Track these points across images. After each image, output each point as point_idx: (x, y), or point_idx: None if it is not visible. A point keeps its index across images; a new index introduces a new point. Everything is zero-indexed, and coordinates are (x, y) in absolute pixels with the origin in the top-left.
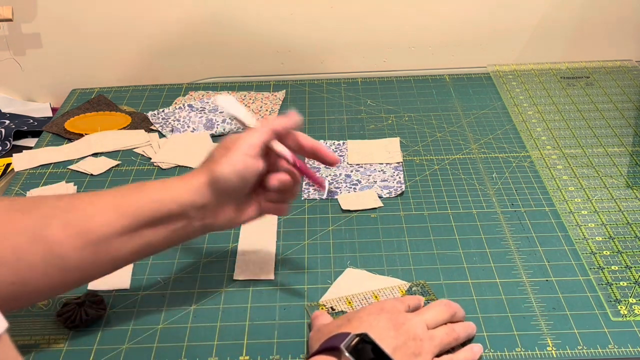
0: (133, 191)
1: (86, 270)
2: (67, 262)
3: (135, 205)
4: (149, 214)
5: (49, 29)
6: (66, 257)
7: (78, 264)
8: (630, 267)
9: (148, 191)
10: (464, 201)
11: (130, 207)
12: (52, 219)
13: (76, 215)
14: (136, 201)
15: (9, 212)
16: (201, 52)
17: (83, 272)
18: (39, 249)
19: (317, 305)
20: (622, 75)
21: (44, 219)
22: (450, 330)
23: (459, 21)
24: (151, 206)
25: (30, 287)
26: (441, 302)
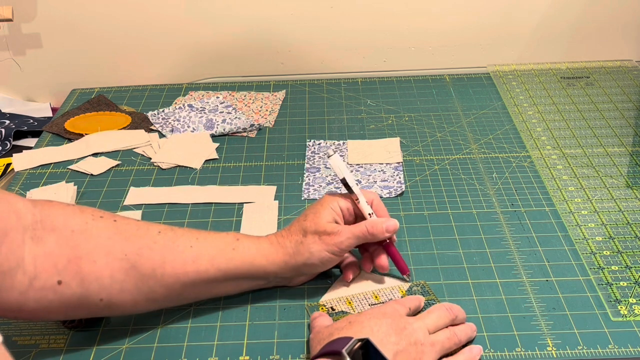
0: (228, 245)
1: (168, 302)
2: (155, 294)
3: (230, 263)
4: (238, 273)
5: (49, 29)
6: (156, 290)
7: (164, 297)
8: (630, 267)
9: (243, 251)
10: (464, 201)
11: (225, 263)
12: (152, 253)
13: (174, 256)
14: (231, 259)
15: (113, 235)
16: (201, 52)
17: (165, 303)
18: (133, 277)
19: (317, 306)
20: (622, 75)
21: (144, 250)
22: (451, 335)
23: (459, 21)
24: (242, 267)
25: (114, 307)
26: (442, 306)
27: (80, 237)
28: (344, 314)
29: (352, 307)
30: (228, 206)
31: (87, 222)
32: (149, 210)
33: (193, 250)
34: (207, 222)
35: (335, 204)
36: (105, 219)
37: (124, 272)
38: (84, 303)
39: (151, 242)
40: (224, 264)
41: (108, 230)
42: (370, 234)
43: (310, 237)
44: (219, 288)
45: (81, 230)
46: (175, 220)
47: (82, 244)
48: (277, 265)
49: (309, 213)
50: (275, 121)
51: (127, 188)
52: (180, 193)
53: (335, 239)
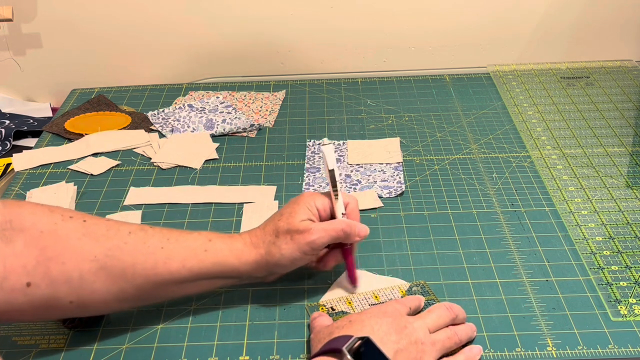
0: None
1: (139, 302)
2: (126, 294)
3: (201, 264)
4: (210, 273)
5: (49, 29)
6: (126, 291)
7: (135, 297)
8: (630, 267)
9: (215, 251)
10: (464, 201)
11: (196, 264)
12: (122, 254)
13: (145, 257)
14: (203, 260)
15: (82, 236)
16: (201, 52)
17: (136, 303)
18: (103, 278)
19: (317, 306)
20: (622, 75)
21: (114, 251)
22: (452, 334)
23: (459, 21)
24: (214, 268)
25: (84, 308)
26: (443, 305)
27: (49, 238)
28: (344, 314)
29: (352, 307)
30: (228, 206)
31: (57, 222)
32: (149, 210)
33: (164, 251)
34: (207, 222)
35: (312, 203)
36: (74, 220)
37: (93, 273)
38: (53, 304)
39: (121, 242)
40: (196, 264)
41: (77, 231)
42: (344, 233)
43: (282, 237)
44: (191, 287)
45: (50, 230)
46: (175, 220)
47: (51, 245)
48: (249, 265)
49: (285, 212)
50: (275, 121)
51: (127, 188)
52: (180, 193)
53: (307, 237)
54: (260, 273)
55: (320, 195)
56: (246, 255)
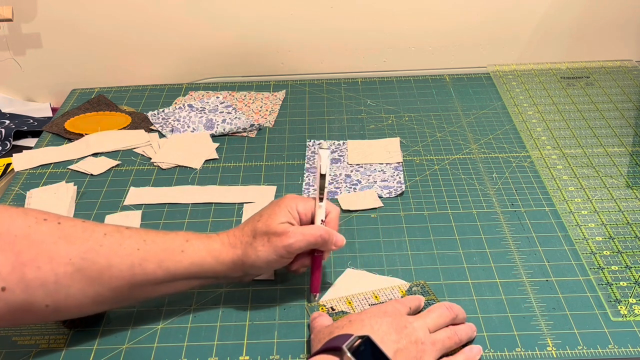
0: (177, 247)
1: (116, 303)
2: (102, 297)
3: (178, 265)
4: (187, 273)
5: (49, 29)
6: (103, 293)
7: (112, 299)
8: (630, 267)
9: (192, 252)
10: (464, 201)
11: (173, 265)
12: (97, 256)
13: (120, 259)
14: (179, 261)
15: (57, 239)
16: (201, 52)
17: (114, 305)
18: (79, 281)
19: (317, 305)
20: (622, 75)
21: (89, 254)
22: (452, 334)
23: (459, 21)
24: (190, 268)
25: (61, 312)
26: (443, 305)
27: (23, 242)
28: (344, 314)
29: (352, 307)
30: (228, 206)
31: (30, 225)
32: (149, 210)
33: (140, 252)
34: (207, 222)
35: (294, 206)
36: (49, 222)
37: (69, 276)
38: (29, 309)
39: (97, 245)
40: (172, 266)
41: (52, 234)
42: (322, 240)
43: (259, 239)
44: (167, 288)
45: (24, 234)
46: (175, 220)
47: (25, 249)
48: (225, 266)
49: (264, 213)
50: (275, 121)
51: (127, 188)
52: (180, 193)
53: (284, 240)
54: (236, 273)
55: (303, 199)
56: (223, 255)
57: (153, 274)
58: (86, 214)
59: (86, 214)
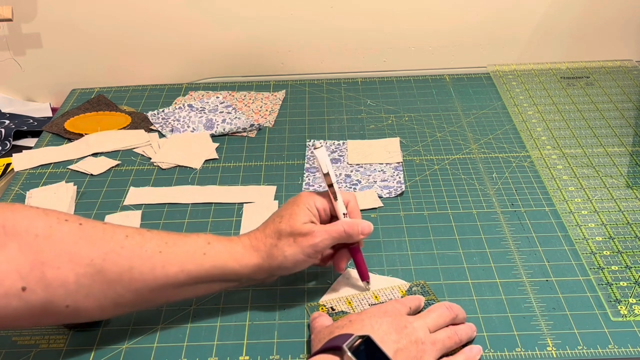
0: (199, 250)
1: (137, 307)
2: (123, 299)
3: (200, 267)
4: (209, 277)
5: (49, 29)
6: (123, 295)
7: (132, 302)
8: (630, 267)
9: (214, 255)
10: (464, 201)
11: (195, 268)
12: (119, 258)
13: (142, 262)
14: (201, 264)
15: (78, 239)
16: (201, 52)
17: (133, 308)
18: (100, 282)
19: (317, 306)
20: (622, 75)
21: (111, 255)
22: (452, 334)
23: (459, 21)
24: (213, 271)
25: (81, 313)
26: (443, 305)
27: (44, 242)
28: (344, 314)
29: (352, 307)
30: (228, 206)
31: (52, 225)
32: (149, 210)
33: (162, 255)
34: (207, 222)
35: (312, 204)
36: (70, 223)
37: (89, 277)
38: (49, 309)
39: (118, 246)
40: (194, 268)
41: (73, 234)
42: (346, 234)
43: (284, 240)
44: (189, 291)
45: (45, 234)
46: (175, 220)
47: (46, 249)
48: (249, 269)
49: (284, 214)
50: (275, 121)
51: (127, 188)
52: (180, 193)
53: (310, 240)
54: (260, 276)
55: (318, 196)
56: (246, 259)
57: (175, 277)
58: (86, 214)
59: (86, 214)
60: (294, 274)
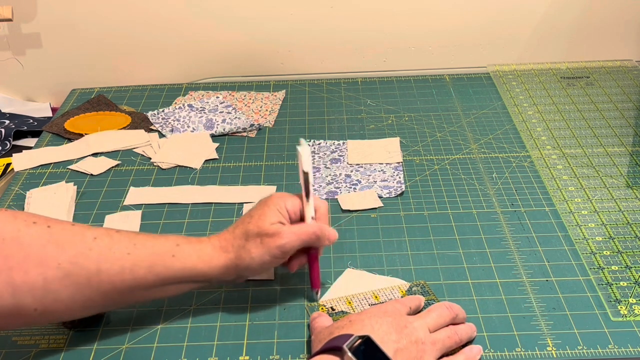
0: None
1: (106, 307)
2: (92, 301)
3: (169, 269)
4: (178, 278)
5: (49, 29)
6: (92, 298)
7: (101, 304)
8: (630, 267)
9: (182, 257)
10: (464, 201)
11: (163, 269)
12: (87, 261)
13: (110, 264)
14: (170, 266)
15: (46, 243)
16: (201, 52)
17: (103, 308)
18: (68, 286)
19: (317, 305)
20: (622, 75)
21: (79, 259)
22: (452, 334)
23: (459, 21)
24: (181, 273)
25: (50, 315)
26: (443, 305)
27: (11, 245)
28: (344, 314)
29: (352, 307)
30: (228, 206)
31: (20, 229)
32: (149, 210)
33: (130, 257)
34: (207, 222)
35: (282, 204)
36: (38, 225)
37: (58, 281)
38: (18, 313)
39: (86, 249)
40: (163, 271)
41: (41, 237)
42: (316, 237)
43: (252, 241)
44: (158, 292)
45: (12, 238)
46: (175, 220)
47: (13, 253)
48: (217, 270)
49: (254, 214)
50: (275, 121)
51: (127, 188)
52: (180, 193)
53: (277, 240)
54: (229, 277)
55: (290, 196)
56: (215, 260)
57: (143, 279)
58: (86, 214)
59: (86, 214)
60: (293, 273)
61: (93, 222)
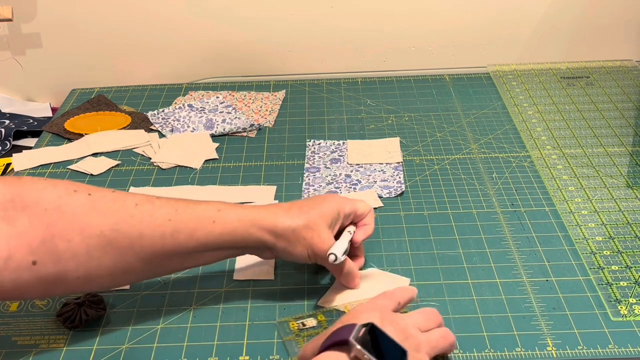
0: (209, 217)
1: (146, 274)
2: (133, 267)
3: (208, 235)
4: (218, 243)
5: (49, 29)
6: (133, 264)
7: (142, 270)
8: (630, 267)
9: (223, 222)
10: (464, 201)
11: (204, 235)
12: (129, 228)
13: (152, 231)
14: (211, 231)
15: (88, 210)
16: (201, 52)
17: (143, 275)
18: (110, 253)
19: (287, 322)
20: (622, 75)
21: (121, 225)
22: (446, 334)
23: (459, 21)
24: (221, 238)
25: (92, 283)
26: (432, 310)
27: (53, 214)
28: (314, 330)
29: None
30: None
31: (61, 197)
32: None
33: (171, 223)
34: None
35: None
36: (79, 193)
37: (100, 248)
38: (61, 281)
39: (128, 216)
40: (203, 236)
41: (83, 205)
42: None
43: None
44: (197, 259)
45: (54, 207)
46: None
47: (56, 221)
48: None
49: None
50: (275, 121)
51: (127, 188)
52: (180, 193)
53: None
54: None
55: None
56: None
57: (184, 245)
58: None
59: None
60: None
61: None
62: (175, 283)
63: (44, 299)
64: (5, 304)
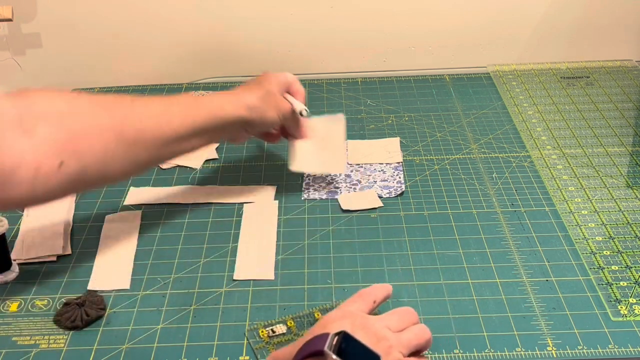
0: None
1: (150, 164)
2: (141, 159)
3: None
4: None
5: (49, 29)
6: (140, 154)
7: (147, 160)
8: (630, 267)
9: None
10: (464, 201)
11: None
12: (133, 121)
13: (152, 122)
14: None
15: (98, 109)
16: (201, 52)
17: (150, 166)
18: (122, 146)
19: (257, 329)
20: (622, 75)
21: (124, 120)
22: (419, 331)
23: (459, 21)
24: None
25: (108, 178)
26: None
27: (68, 116)
28: (284, 336)
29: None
30: (228, 206)
31: (70, 101)
32: (149, 210)
33: (167, 114)
34: (207, 222)
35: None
36: (83, 95)
37: (114, 143)
38: (82, 179)
39: (129, 111)
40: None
41: (91, 105)
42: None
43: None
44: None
45: (68, 110)
46: (175, 220)
47: (71, 123)
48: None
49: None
50: None
51: (127, 188)
52: (180, 193)
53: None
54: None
55: None
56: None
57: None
58: (86, 214)
59: (86, 214)
60: (293, 273)
61: (93, 222)
62: (175, 283)
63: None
64: (5, 304)
